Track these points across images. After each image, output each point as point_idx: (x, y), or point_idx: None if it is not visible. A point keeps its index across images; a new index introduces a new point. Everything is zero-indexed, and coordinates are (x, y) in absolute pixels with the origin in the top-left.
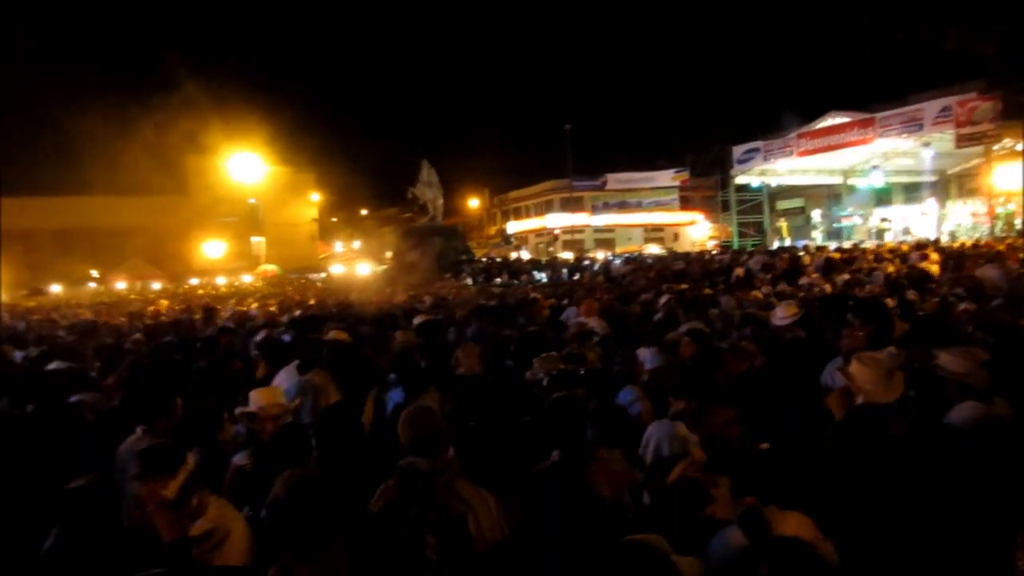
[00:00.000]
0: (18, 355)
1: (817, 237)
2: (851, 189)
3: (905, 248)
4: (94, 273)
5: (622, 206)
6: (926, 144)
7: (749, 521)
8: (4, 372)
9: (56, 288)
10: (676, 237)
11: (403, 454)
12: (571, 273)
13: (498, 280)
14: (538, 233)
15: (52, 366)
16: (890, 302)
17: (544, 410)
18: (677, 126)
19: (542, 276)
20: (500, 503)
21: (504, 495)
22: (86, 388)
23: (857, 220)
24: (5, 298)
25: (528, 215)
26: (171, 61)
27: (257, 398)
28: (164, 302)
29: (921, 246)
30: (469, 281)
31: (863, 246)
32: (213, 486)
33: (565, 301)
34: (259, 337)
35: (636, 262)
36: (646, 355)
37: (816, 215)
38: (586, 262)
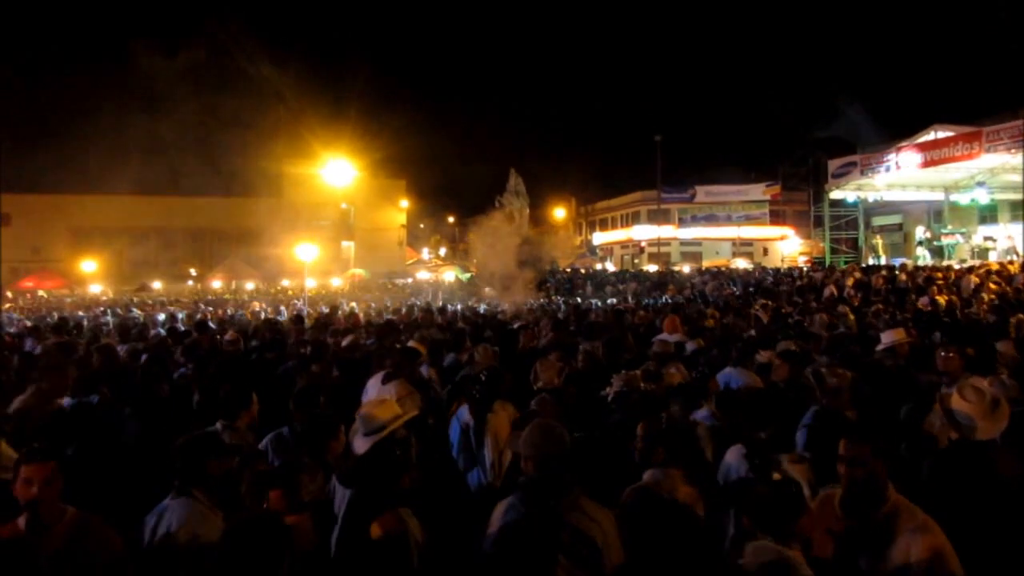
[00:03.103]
0: (121, 349)
1: (925, 255)
2: (953, 205)
3: (1014, 268)
4: (192, 271)
5: (710, 219)
6: None
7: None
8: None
9: (157, 284)
10: (765, 252)
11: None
12: (656, 287)
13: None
14: (623, 245)
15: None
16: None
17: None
18: (769, 138)
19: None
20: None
21: None
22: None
23: (959, 238)
24: (113, 292)
25: (614, 226)
26: (270, 68)
27: (374, 411)
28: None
29: None
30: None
31: (965, 266)
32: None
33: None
34: (345, 342)
35: (720, 276)
36: (731, 374)
37: (919, 231)
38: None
